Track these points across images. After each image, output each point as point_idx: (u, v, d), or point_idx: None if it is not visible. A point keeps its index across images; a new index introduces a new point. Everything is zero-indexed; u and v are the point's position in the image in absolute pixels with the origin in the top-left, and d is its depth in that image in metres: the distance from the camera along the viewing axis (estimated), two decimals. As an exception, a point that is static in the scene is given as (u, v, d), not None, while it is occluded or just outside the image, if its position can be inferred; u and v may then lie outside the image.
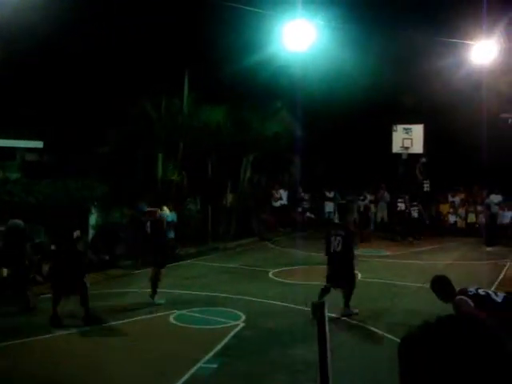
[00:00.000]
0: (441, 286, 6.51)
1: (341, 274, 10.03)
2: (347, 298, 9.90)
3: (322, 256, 15.70)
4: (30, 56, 17.34)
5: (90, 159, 18.26)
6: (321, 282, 12.83)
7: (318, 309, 2.21)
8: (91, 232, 14.71)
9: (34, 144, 17.84)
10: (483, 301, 6.09)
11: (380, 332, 8.94)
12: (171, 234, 15.67)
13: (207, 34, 20.03)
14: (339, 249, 10.12)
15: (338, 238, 10.15)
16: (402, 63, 22.00)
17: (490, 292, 6.33)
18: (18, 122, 17.24)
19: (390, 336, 8.62)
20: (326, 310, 2.26)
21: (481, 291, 6.26)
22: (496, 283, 12.34)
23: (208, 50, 19.58)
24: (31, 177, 15.16)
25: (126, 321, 9.49)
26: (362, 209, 20.98)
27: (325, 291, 9.87)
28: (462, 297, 6.16)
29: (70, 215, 13.40)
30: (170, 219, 14.82)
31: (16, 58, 16.94)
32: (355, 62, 20.60)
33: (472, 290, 6.27)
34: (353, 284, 10.08)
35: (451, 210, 22.26)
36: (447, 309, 9.82)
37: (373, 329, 9.14)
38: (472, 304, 6.03)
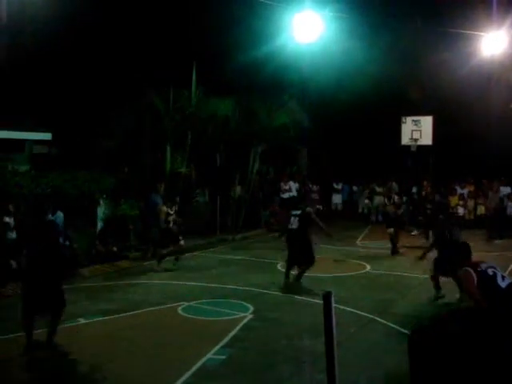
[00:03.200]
0: (462, 249, 6.44)
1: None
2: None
3: (330, 248, 15.76)
4: (38, 48, 17.37)
5: (97, 151, 18.29)
6: (328, 273, 12.87)
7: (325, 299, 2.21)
8: (99, 224, 14.74)
9: (42, 136, 17.85)
10: (488, 281, 6.10)
11: (388, 323, 8.93)
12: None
13: (215, 25, 20.02)
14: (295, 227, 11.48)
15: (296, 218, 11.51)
16: (411, 54, 21.89)
17: (498, 274, 6.25)
18: (27, 114, 17.28)
19: (397, 327, 8.61)
20: (333, 301, 2.26)
21: (490, 271, 6.22)
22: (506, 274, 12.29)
23: (216, 41, 19.56)
24: (39, 169, 15.18)
25: (134, 312, 9.52)
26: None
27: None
28: (470, 270, 6.14)
29: (78, 207, 13.48)
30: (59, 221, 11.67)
31: (24, 50, 16.98)
32: (364, 53, 20.51)
33: (484, 266, 6.25)
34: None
35: (460, 203, 22.14)
36: (454, 300, 9.81)
37: (381, 320, 9.12)
38: (476, 280, 6.03)
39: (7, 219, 12.35)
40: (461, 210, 22.07)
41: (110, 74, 18.54)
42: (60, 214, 12.21)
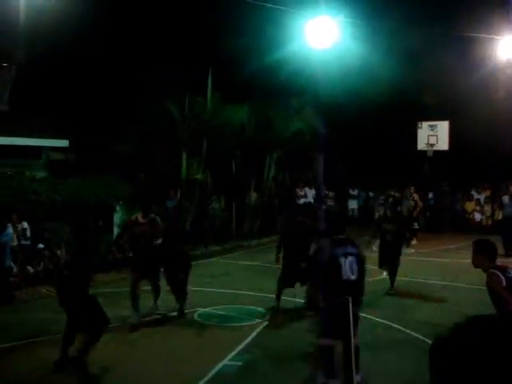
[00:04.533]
0: (488, 248, 6.21)
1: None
2: None
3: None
4: (55, 55, 17.51)
5: (114, 158, 18.39)
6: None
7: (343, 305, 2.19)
8: (116, 230, 14.80)
9: (59, 143, 18.00)
10: None
11: (405, 330, 8.87)
12: (8, 261, 11.12)
13: (230, 32, 20.07)
14: None
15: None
16: (426, 59, 21.81)
17: None
18: (44, 121, 17.42)
19: (414, 334, 8.55)
20: (351, 306, 2.24)
21: None
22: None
23: (231, 47, 19.60)
24: (56, 176, 15.30)
25: (150, 318, 9.54)
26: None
27: None
28: (497, 272, 5.92)
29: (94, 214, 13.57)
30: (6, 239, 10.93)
31: (41, 57, 17.13)
32: (378, 58, 20.45)
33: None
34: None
35: (477, 208, 21.97)
36: (472, 305, 9.73)
37: (398, 327, 9.07)
38: (504, 284, 5.85)
39: (24, 225, 12.48)
40: (477, 216, 21.90)
41: (126, 81, 18.66)
42: (9, 231, 11.14)
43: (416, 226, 18.93)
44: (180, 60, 18.95)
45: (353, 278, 6.45)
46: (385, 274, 12.16)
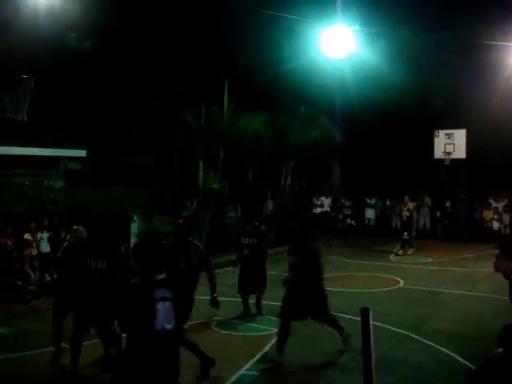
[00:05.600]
0: None
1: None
2: None
3: (363, 263, 15.63)
4: (72, 65, 17.69)
5: (131, 167, 18.51)
6: (362, 289, 12.76)
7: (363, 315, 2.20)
8: (133, 239, 14.88)
9: (77, 153, 18.17)
10: None
11: (423, 340, 8.81)
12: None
13: (246, 41, 20.15)
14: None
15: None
16: (442, 67, 21.72)
17: None
18: (61, 131, 17.60)
19: (433, 344, 8.49)
20: (371, 317, 2.25)
21: None
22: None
23: (247, 57, 19.68)
24: (74, 185, 15.43)
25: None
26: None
27: None
28: None
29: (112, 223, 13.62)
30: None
31: (59, 66, 17.31)
32: (394, 66, 20.42)
33: None
34: None
35: (495, 217, 21.80)
36: (489, 315, 9.65)
37: (416, 337, 9.01)
38: None
39: (44, 234, 12.60)
40: (496, 224, 21.71)
41: (143, 91, 18.80)
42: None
43: (405, 235, 18.67)
44: (196, 70, 19.08)
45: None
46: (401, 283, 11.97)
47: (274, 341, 8.72)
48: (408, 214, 18.86)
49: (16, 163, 16.03)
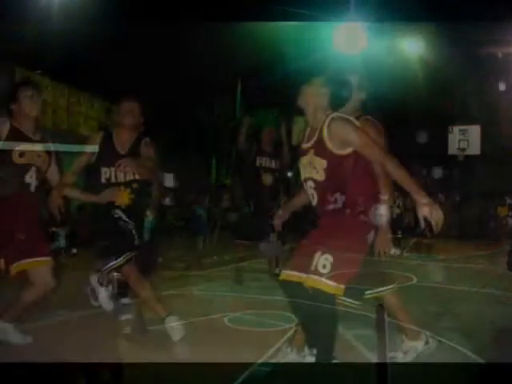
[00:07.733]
0: None
1: None
2: None
3: (375, 260, 15.55)
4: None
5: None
6: (374, 286, 12.69)
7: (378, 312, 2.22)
8: (146, 234, 14.94)
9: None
10: None
11: (435, 337, 8.78)
12: None
13: (257, 37, 20.15)
14: None
15: None
16: (458, 63, 21.61)
17: None
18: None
19: (444, 341, 8.46)
20: (386, 314, 2.27)
21: None
22: None
23: (259, 53, 19.68)
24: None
25: (179, 323, 9.58)
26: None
27: None
28: None
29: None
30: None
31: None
32: (409, 63, 20.34)
33: None
34: None
35: (509, 213, 21.69)
36: (502, 313, 9.63)
37: (428, 334, 8.98)
38: None
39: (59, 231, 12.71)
40: (510, 221, 21.62)
41: (154, 86, 18.83)
42: None
43: (399, 234, 18.48)
44: (209, 66, 19.10)
45: None
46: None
47: (288, 335, 8.74)
48: (398, 210, 18.74)
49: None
